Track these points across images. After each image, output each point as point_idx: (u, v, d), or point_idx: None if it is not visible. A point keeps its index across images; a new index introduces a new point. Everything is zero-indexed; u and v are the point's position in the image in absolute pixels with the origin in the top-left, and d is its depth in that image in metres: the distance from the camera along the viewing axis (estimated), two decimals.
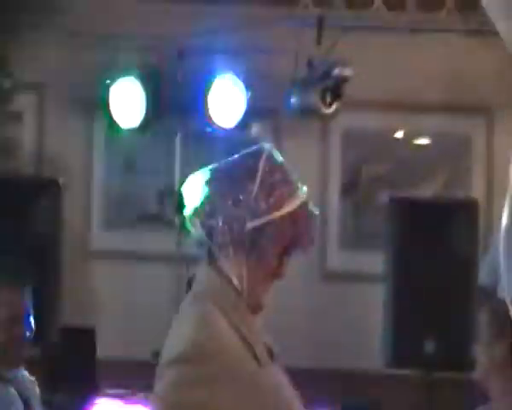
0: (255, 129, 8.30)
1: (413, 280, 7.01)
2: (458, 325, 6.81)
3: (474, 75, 7.85)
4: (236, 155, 3.80)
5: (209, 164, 8.18)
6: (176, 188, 7.94)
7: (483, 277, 6.41)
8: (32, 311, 4.95)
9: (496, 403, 4.68)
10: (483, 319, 4.88)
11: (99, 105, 8.18)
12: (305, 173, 7.82)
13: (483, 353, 4.76)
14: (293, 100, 7.69)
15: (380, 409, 6.84)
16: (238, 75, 8.12)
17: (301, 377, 7.00)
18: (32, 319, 4.94)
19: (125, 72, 8.11)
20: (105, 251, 8.37)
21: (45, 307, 6.04)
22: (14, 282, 5.24)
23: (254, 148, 3.67)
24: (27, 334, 4.73)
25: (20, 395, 4.98)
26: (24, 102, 8.29)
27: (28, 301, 5.07)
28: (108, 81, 8.09)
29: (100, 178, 8.54)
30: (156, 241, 8.48)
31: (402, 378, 6.97)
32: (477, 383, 4.72)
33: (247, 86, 8.06)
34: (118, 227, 8.48)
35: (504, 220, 2.89)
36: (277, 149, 8.02)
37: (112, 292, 8.28)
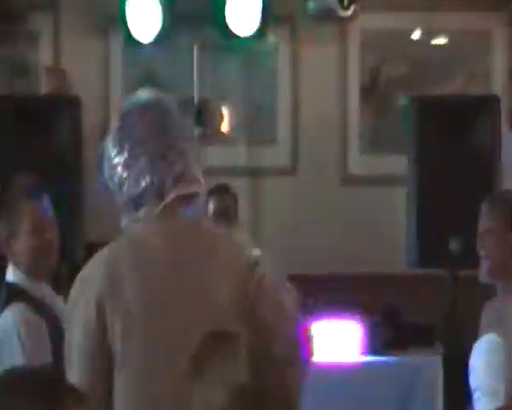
0: (273, 36, 8.18)
1: (436, 181, 6.91)
2: None
3: None
4: None
5: (227, 74, 8.15)
6: (195, 100, 8.05)
7: None
8: (55, 224, 4.92)
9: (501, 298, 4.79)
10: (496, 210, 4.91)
11: (114, 20, 8.20)
12: (323, 78, 7.85)
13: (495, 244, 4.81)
14: (310, 4, 7.60)
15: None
16: None
17: (327, 283, 7.01)
18: (56, 231, 4.91)
19: None
20: None
21: (69, 224, 6.06)
22: (35, 194, 5.31)
23: None
24: (53, 244, 4.73)
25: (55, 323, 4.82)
26: (39, 20, 8.13)
27: (51, 212, 5.07)
28: None
29: (117, 93, 8.41)
30: None
31: (427, 278, 6.91)
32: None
33: None
34: None
35: None
36: (295, 55, 7.93)
37: None
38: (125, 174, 3.78)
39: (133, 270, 3.78)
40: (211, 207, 7.31)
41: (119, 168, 3.79)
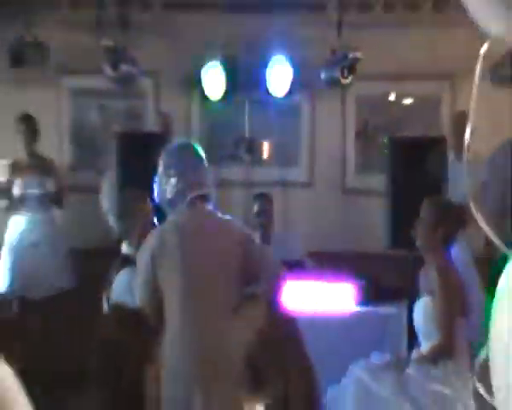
0: (298, 96, 8.31)
1: (403, 193, 6.92)
2: None
3: (443, 53, 7.70)
4: None
5: (267, 120, 8.21)
6: (246, 136, 8.21)
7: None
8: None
9: (430, 268, 5.10)
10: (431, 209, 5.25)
11: (195, 84, 8.03)
12: (331, 125, 8.11)
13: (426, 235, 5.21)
14: (322, 75, 7.65)
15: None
16: (287, 58, 7.94)
17: (332, 256, 7.02)
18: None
19: (210, 59, 7.93)
20: None
21: None
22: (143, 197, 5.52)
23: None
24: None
25: None
26: (144, 83, 8.16)
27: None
28: (201, 66, 7.88)
29: (196, 133, 8.35)
30: (231, 173, 8.32)
31: (396, 256, 6.88)
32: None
33: (293, 66, 7.95)
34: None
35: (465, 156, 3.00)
36: (313, 109, 8.09)
37: None
38: (169, 189, 4.44)
39: (173, 236, 4.33)
40: (255, 208, 7.30)
41: (164, 185, 4.46)
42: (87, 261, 7.45)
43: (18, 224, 7.59)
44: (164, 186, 4.48)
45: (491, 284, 1.90)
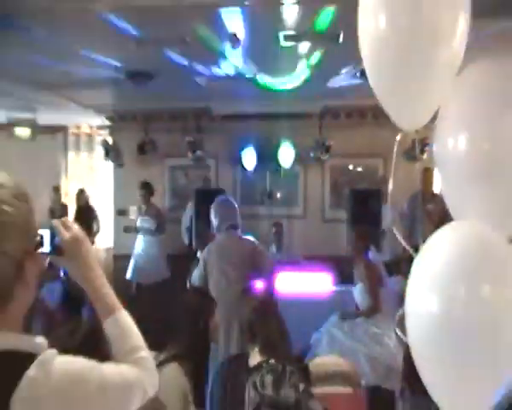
0: (297, 166, 8.19)
1: (357, 221, 6.93)
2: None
3: (379, 142, 7.41)
4: None
5: (278, 182, 7.97)
6: (268, 191, 8.19)
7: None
8: None
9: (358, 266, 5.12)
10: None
11: (239, 161, 8.01)
12: (315, 183, 8.14)
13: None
14: (311, 154, 7.76)
15: None
16: (290, 145, 7.92)
17: (316, 258, 6.81)
18: None
19: (247, 146, 7.94)
20: None
21: None
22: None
23: None
24: None
25: None
26: (210, 161, 8.20)
27: None
28: (242, 150, 7.95)
29: (239, 189, 8.41)
30: (259, 210, 8.20)
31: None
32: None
33: (294, 149, 7.90)
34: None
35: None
36: (305, 174, 8.13)
37: None
38: (215, 222, 4.58)
39: (215, 247, 4.51)
40: (273, 230, 7.27)
41: (213, 220, 4.60)
42: (175, 261, 7.54)
43: (139, 242, 7.64)
44: (213, 221, 4.63)
45: (407, 273, 1.73)
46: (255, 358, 2.70)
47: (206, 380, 3.01)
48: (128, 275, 7.50)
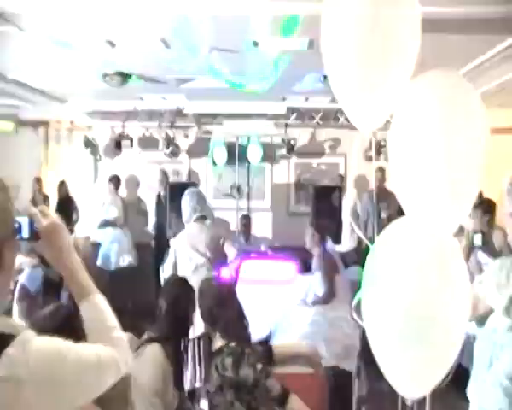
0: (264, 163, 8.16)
1: (320, 214, 6.95)
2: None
3: (342, 143, 7.79)
4: None
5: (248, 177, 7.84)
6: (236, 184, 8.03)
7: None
8: None
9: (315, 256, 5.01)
10: None
11: (211, 156, 7.88)
12: (281, 179, 8.09)
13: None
14: (278, 152, 7.97)
15: None
16: (259, 143, 7.88)
17: (282, 249, 6.78)
18: None
19: (218, 144, 7.84)
20: None
21: None
22: None
23: None
24: None
25: None
26: (182, 156, 8.04)
27: None
28: (214, 147, 7.84)
29: (210, 183, 8.28)
30: (228, 203, 8.06)
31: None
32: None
33: (262, 147, 7.85)
34: None
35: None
36: (272, 170, 8.03)
37: None
38: (186, 212, 4.48)
39: (184, 236, 4.44)
40: (242, 221, 7.24)
41: (184, 210, 4.49)
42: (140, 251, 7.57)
43: (107, 231, 7.59)
44: (185, 210, 4.56)
45: (362, 262, 1.77)
46: (217, 342, 2.68)
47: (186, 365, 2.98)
48: (98, 262, 7.47)
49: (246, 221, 7.37)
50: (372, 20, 1.57)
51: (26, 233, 1.30)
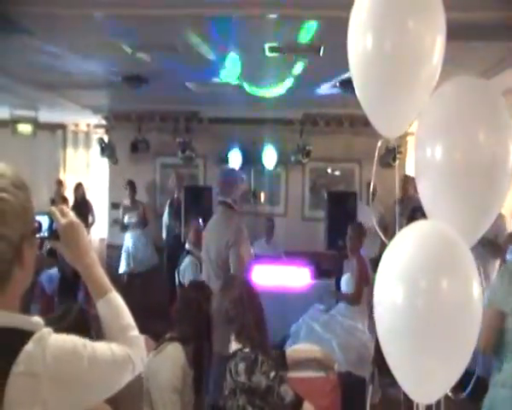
0: (279, 168, 8.17)
1: (334, 220, 6.96)
2: None
3: (355, 149, 7.67)
4: None
5: (262, 182, 7.93)
6: (251, 189, 8.00)
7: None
8: None
9: (351, 259, 4.98)
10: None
11: (226, 160, 7.80)
12: (296, 184, 8.12)
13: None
14: (292, 158, 7.76)
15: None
16: (273, 148, 7.86)
17: (297, 254, 6.78)
18: None
19: (233, 147, 7.89)
20: None
21: None
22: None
23: None
24: None
25: None
26: (198, 161, 8.08)
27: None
28: (228, 151, 7.80)
29: None
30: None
31: (331, 255, 6.87)
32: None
33: (277, 152, 7.85)
34: None
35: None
36: (287, 176, 8.03)
37: None
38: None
39: (204, 236, 4.13)
40: (267, 224, 7.26)
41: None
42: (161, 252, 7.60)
43: (127, 236, 7.65)
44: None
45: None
46: (232, 345, 2.67)
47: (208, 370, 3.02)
48: (121, 269, 7.53)
49: (269, 224, 7.42)
50: (400, 27, 1.59)
51: (45, 232, 1.33)
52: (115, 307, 1.36)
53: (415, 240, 1.61)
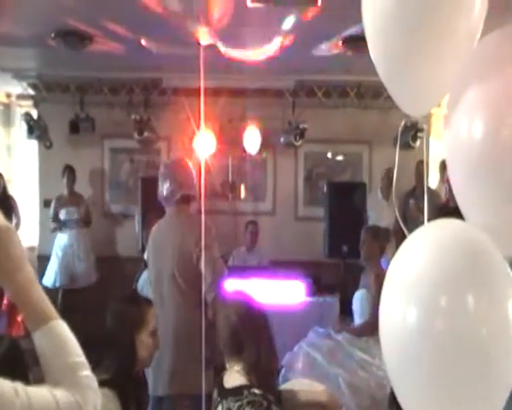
0: (265, 153, 8.27)
1: (336, 220, 7.13)
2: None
3: (363, 126, 7.86)
4: None
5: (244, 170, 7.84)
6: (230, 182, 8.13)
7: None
8: None
9: (369, 271, 5.04)
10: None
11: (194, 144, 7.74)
12: (287, 173, 8.22)
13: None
14: (282, 139, 7.82)
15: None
16: (257, 127, 7.88)
17: (287, 264, 6.96)
18: None
19: (205, 128, 7.66)
20: None
21: None
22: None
23: None
24: None
25: None
26: (160, 144, 8.14)
27: None
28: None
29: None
30: (218, 205, 7.96)
31: (332, 263, 7.11)
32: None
33: (261, 132, 7.83)
34: None
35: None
36: (275, 162, 8.10)
37: None
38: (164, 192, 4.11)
39: (152, 238, 4.20)
40: (249, 228, 7.47)
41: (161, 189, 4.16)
42: (105, 264, 7.72)
43: (61, 238, 7.69)
44: (161, 191, 4.19)
45: None
46: (233, 376, 2.63)
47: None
48: (48, 281, 7.52)
49: (252, 228, 7.52)
50: None
51: None
52: (59, 339, 1.32)
53: (430, 246, 1.59)
